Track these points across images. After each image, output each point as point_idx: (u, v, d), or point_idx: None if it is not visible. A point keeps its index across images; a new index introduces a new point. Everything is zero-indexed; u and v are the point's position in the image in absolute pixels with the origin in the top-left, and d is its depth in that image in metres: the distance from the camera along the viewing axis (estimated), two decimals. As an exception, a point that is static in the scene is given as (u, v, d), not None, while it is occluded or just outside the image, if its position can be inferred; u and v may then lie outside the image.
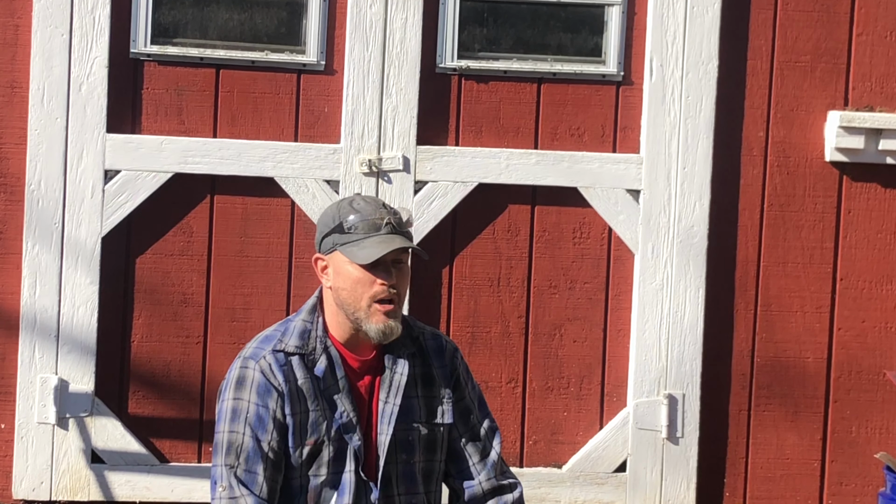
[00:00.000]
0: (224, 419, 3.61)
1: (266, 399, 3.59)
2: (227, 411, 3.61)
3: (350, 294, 3.60)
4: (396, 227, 3.59)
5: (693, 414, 6.10)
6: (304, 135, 5.97)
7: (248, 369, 3.62)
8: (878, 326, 6.23)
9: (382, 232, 3.57)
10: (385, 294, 3.58)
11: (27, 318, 5.83)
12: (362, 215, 3.58)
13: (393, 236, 3.57)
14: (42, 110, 5.80)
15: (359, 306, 3.60)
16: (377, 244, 3.56)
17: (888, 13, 6.15)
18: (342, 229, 3.59)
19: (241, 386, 3.61)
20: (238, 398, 3.61)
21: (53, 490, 5.88)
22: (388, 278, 3.58)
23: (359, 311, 3.60)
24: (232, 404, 3.61)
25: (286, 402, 3.60)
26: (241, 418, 3.58)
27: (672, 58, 6.03)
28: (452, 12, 5.99)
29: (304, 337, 3.65)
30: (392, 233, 3.57)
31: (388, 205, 3.66)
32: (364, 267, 3.58)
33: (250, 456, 3.57)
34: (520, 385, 6.11)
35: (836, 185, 6.18)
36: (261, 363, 3.62)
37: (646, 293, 6.07)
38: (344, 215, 3.60)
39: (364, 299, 3.59)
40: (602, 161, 6.05)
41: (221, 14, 6.00)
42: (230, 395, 3.62)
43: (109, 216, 5.85)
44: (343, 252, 3.59)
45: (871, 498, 6.21)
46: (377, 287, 3.58)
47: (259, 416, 3.58)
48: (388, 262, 3.59)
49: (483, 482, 3.76)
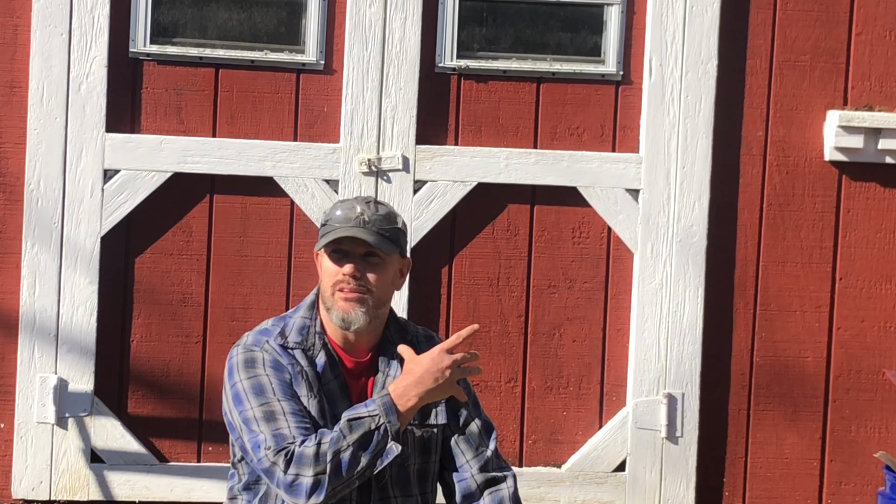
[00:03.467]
0: (246, 398, 3.58)
1: (281, 373, 3.60)
2: (247, 390, 3.58)
3: (322, 283, 3.68)
4: (364, 223, 3.63)
5: (692, 413, 6.10)
6: (304, 134, 5.97)
7: (255, 352, 3.64)
8: (878, 326, 6.23)
9: (350, 224, 3.62)
10: (344, 283, 3.62)
11: (26, 317, 5.83)
12: (342, 209, 3.66)
13: (355, 229, 3.62)
14: (41, 110, 5.80)
15: (326, 295, 3.66)
16: (338, 232, 3.63)
17: (887, 13, 6.15)
18: (324, 223, 3.69)
19: (252, 365, 3.61)
20: (254, 375, 3.59)
21: (53, 489, 5.88)
22: (350, 269, 3.62)
23: (327, 300, 3.66)
24: (250, 382, 3.59)
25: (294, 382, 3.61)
26: (268, 389, 3.56)
27: (671, 57, 6.03)
28: (452, 12, 5.99)
29: (303, 333, 3.68)
30: (358, 226, 3.62)
31: (382, 203, 3.70)
32: (332, 259, 3.65)
33: (293, 413, 3.53)
34: (519, 385, 6.11)
35: (835, 184, 6.18)
36: (265, 347, 3.64)
37: (645, 293, 6.07)
38: (332, 210, 3.69)
39: (328, 288, 3.65)
40: (601, 160, 6.05)
41: (221, 14, 6.00)
42: (243, 376, 3.60)
43: (109, 216, 5.85)
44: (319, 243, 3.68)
45: (870, 497, 6.21)
46: (339, 276, 3.63)
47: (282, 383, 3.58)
48: (358, 256, 3.64)
49: (476, 475, 3.75)
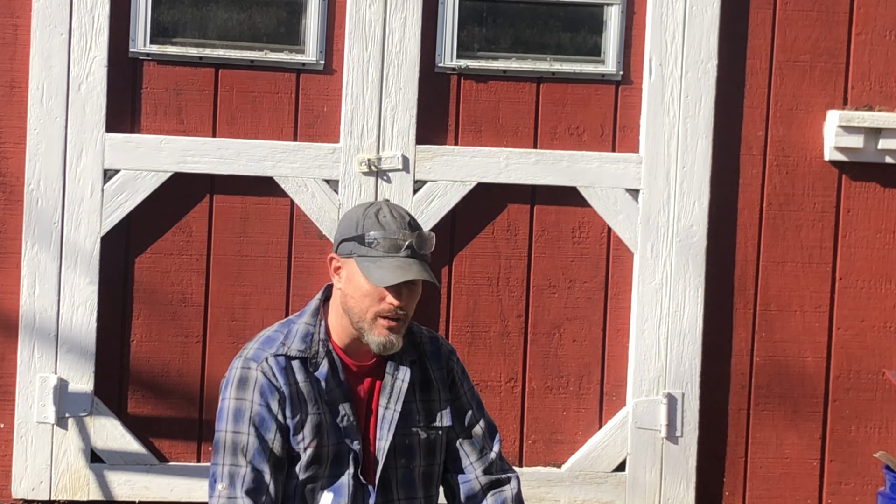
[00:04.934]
0: (226, 419, 3.61)
1: (269, 400, 3.59)
2: (230, 411, 3.61)
3: (357, 304, 3.61)
4: (416, 251, 3.57)
5: (692, 413, 6.10)
6: (304, 134, 5.97)
7: (251, 370, 3.62)
8: (878, 326, 6.23)
9: (401, 254, 3.55)
10: (392, 314, 3.59)
11: (26, 317, 5.83)
12: (385, 232, 3.57)
13: (411, 261, 3.56)
14: (41, 110, 5.80)
15: (363, 317, 3.61)
16: (394, 269, 3.55)
17: (887, 13, 6.15)
18: (363, 241, 3.58)
19: (244, 386, 3.61)
20: (241, 398, 3.60)
21: (53, 489, 5.88)
22: (397, 298, 3.58)
23: (363, 322, 3.61)
24: (235, 404, 3.60)
25: (287, 405, 3.60)
26: (245, 418, 3.58)
27: (671, 57, 6.03)
28: (451, 12, 5.99)
29: (306, 340, 3.66)
30: (411, 256, 3.56)
31: (413, 221, 3.63)
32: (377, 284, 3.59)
33: (255, 456, 3.57)
34: (519, 384, 6.11)
35: (835, 184, 6.18)
36: (262, 365, 3.62)
37: (645, 292, 6.07)
38: (368, 227, 3.58)
39: (370, 312, 3.60)
40: (601, 160, 6.05)
41: (221, 13, 6.00)
42: (232, 395, 3.62)
43: (108, 216, 5.85)
44: (359, 264, 3.59)
45: (870, 497, 6.21)
46: (385, 305, 3.58)
47: (262, 416, 3.58)
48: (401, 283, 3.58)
49: (480, 477, 3.77)
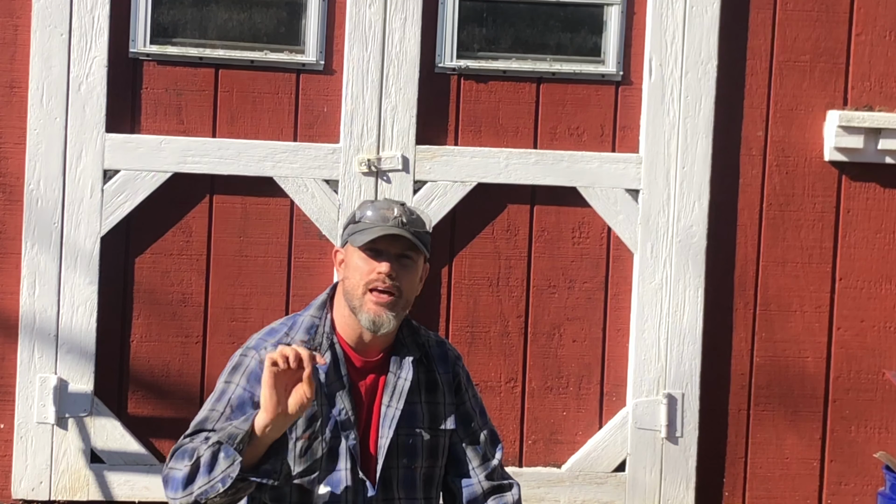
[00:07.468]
0: (213, 397, 3.66)
1: (254, 386, 3.60)
2: (215, 391, 3.66)
3: (351, 282, 3.64)
4: (404, 224, 3.63)
5: (692, 413, 6.10)
6: (304, 134, 5.97)
7: (247, 357, 3.66)
8: (878, 326, 6.23)
9: (389, 224, 3.62)
10: (379, 281, 3.60)
11: (26, 318, 5.83)
12: (375, 209, 3.66)
13: (396, 228, 3.61)
14: (41, 110, 5.80)
15: (356, 294, 3.63)
16: (376, 231, 3.61)
17: (887, 13, 6.15)
18: (355, 220, 3.67)
19: (235, 371, 3.65)
20: (228, 381, 3.65)
21: (53, 490, 5.88)
22: (386, 268, 3.61)
23: (355, 300, 3.63)
24: (222, 387, 3.65)
25: None
26: (225, 398, 3.62)
27: (671, 57, 6.03)
28: (451, 12, 5.99)
29: (310, 332, 3.68)
30: (398, 227, 3.62)
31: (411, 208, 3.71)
32: (367, 256, 3.62)
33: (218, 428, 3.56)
34: (519, 385, 6.11)
35: (835, 184, 6.18)
36: (260, 354, 3.63)
37: (645, 293, 6.07)
38: (361, 210, 3.68)
39: (360, 286, 3.62)
40: (601, 161, 6.05)
41: (221, 14, 6.00)
42: (223, 379, 3.67)
43: (108, 216, 5.85)
44: (350, 241, 3.66)
45: (870, 497, 6.21)
46: (373, 274, 3.61)
47: (242, 399, 3.60)
48: (393, 256, 3.62)
49: (483, 482, 3.79)
